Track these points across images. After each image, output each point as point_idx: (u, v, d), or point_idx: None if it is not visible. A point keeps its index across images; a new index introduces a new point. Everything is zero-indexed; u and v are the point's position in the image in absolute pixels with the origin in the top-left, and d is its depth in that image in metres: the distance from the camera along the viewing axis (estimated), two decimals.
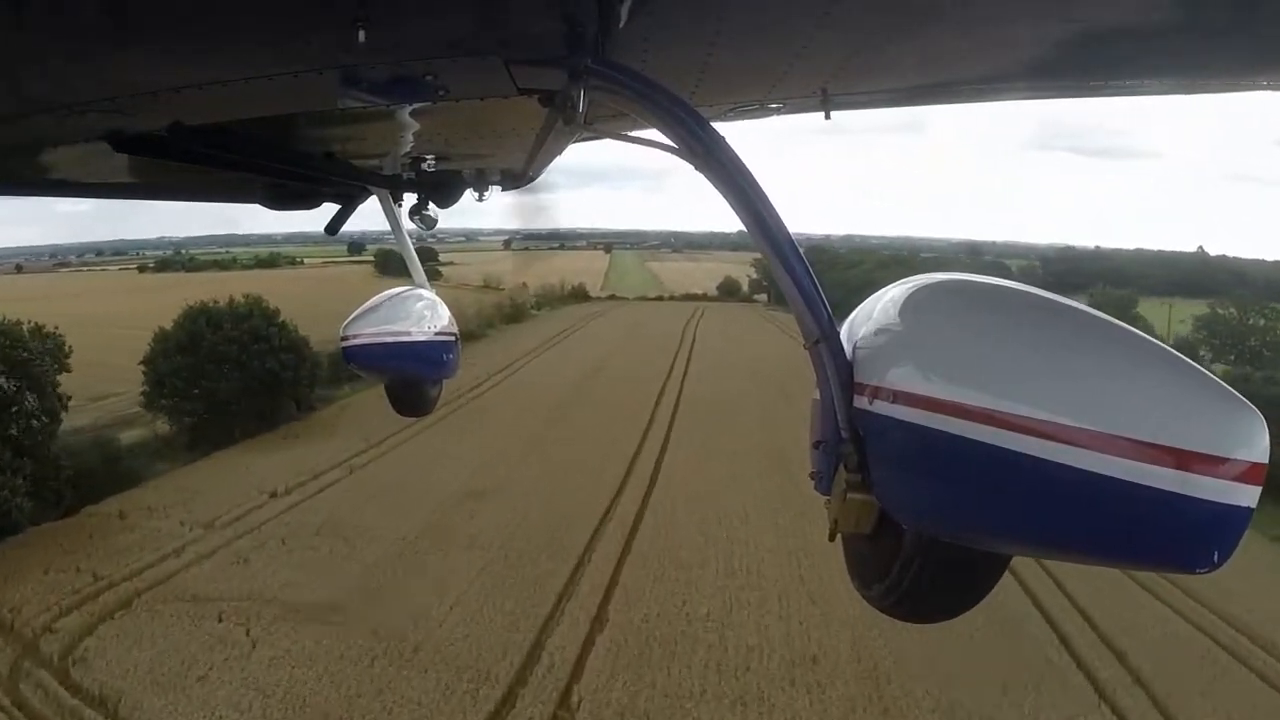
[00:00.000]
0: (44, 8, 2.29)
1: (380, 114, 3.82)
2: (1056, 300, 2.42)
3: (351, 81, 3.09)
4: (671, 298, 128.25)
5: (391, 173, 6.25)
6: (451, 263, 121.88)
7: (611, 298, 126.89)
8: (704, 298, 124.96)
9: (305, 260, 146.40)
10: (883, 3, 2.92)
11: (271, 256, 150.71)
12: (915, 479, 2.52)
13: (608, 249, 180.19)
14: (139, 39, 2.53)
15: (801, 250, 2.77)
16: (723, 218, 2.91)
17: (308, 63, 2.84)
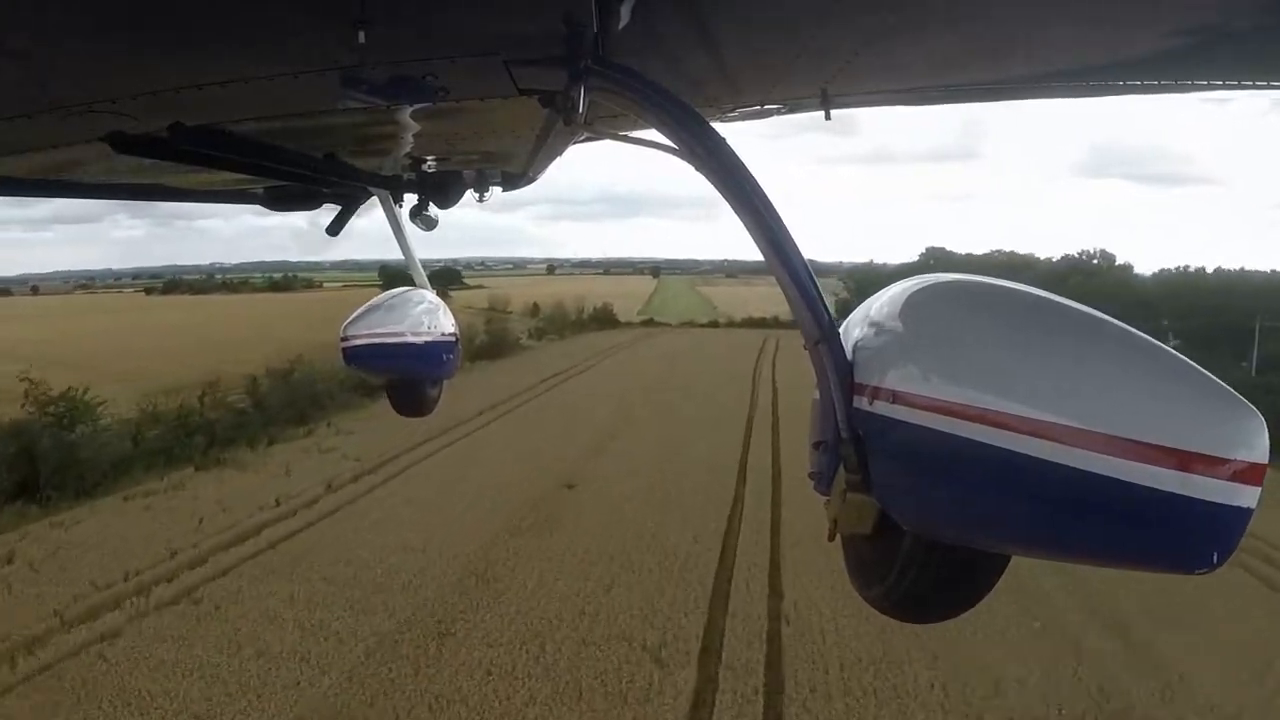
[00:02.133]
0: (44, 8, 2.29)
1: (380, 115, 3.82)
2: (1056, 300, 2.42)
3: (351, 82, 3.09)
4: (730, 324, 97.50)
5: (391, 174, 6.25)
6: (481, 285, 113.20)
7: (648, 323, 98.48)
8: (774, 324, 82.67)
9: (325, 284, 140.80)
10: (883, 2, 2.92)
11: (285, 279, 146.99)
12: (915, 479, 2.52)
13: (655, 273, 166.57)
14: (139, 39, 2.54)
15: (802, 252, 2.78)
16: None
17: (308, 63, 2.84)
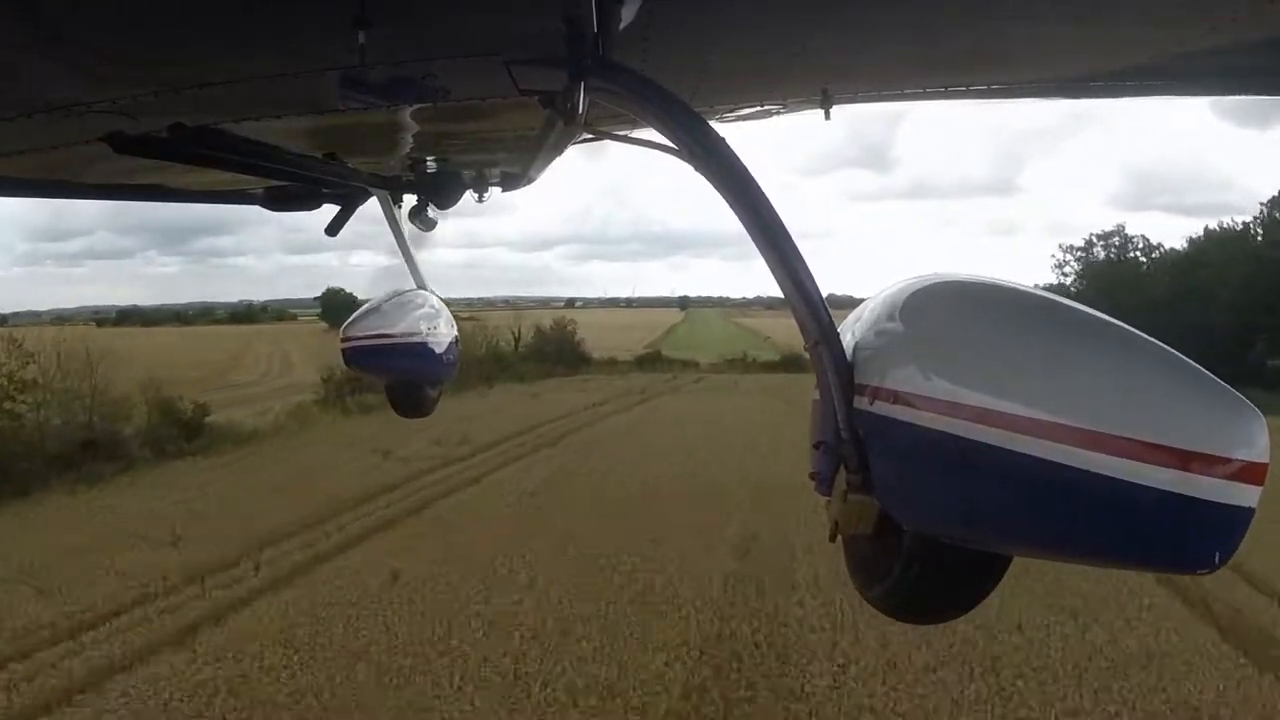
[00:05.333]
0: (44, 8, 2.30)
1: (380, 115, 3.82)
2: (1056, 300, 2.42)
3: (352, 82, 3.09)
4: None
5: (391, 174, 6.26)
6: (473, 318, 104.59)
7: (650, 363, 58.01)
8: None
9: (299, 316, 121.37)
10: (883, 3, 2.92)
11: (250, 311, 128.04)
12: (915, 479, 2.52)
13: (682, 305, 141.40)
14: (139, 39, 2.54)
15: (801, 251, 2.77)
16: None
17: (308, 63, 2.85)
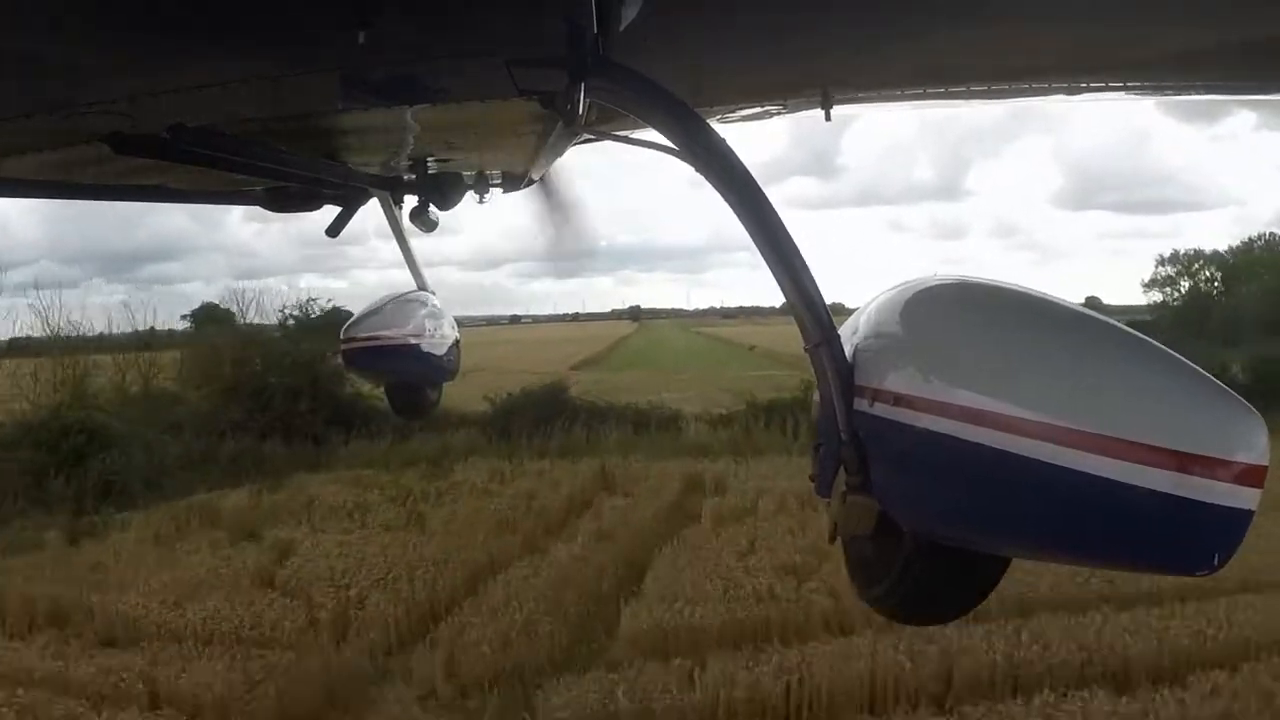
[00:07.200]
0: (45, 9, 2.30)
1: (380, 115, 3.82)
2: (1055, 302, 2.42)
3: (351, 82, 3.09)
4: None
5: (392, 174, 6.25)
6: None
7: (552, 410, 26.00)
8: None
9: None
10: (883, 4, 2.92)
11: (154, 336, 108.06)
12: (915, 481, 2.52)
13: (634, 316, 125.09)
14: (139, 40, 2.54)
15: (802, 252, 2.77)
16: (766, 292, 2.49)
17: (308, 64, 2.85)
